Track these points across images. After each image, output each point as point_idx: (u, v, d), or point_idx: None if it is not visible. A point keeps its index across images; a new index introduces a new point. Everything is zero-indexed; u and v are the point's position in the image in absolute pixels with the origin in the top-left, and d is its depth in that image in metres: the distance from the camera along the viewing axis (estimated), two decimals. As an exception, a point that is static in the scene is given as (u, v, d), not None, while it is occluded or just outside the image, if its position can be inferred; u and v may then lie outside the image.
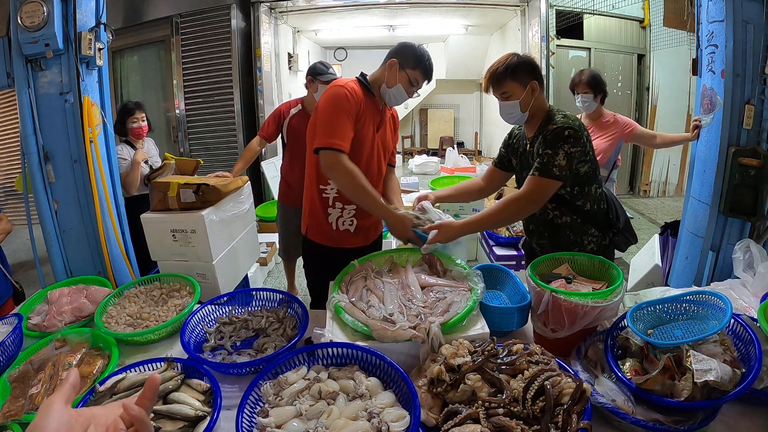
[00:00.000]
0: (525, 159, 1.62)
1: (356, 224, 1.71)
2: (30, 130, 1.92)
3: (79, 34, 1.93)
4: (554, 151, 1.42)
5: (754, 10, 1.75)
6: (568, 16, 5.14)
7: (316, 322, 1.37)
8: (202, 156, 4.86)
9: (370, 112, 1.62)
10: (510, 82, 1.49)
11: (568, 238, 1.60)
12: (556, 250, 1.57)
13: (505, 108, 1.53)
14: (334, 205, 1.67)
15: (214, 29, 4.75)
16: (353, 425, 0.86)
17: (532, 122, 1.56)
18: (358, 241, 1.75)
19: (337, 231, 1.70)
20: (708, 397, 0.90)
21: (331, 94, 1.53)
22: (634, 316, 1.10)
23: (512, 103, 1.50)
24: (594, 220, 1.59)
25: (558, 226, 1.60)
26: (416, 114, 9.83)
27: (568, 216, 1.58)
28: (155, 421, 0.95)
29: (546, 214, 1.61)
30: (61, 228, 2.04)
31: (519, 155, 1.67)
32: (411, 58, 1.59)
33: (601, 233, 1.61)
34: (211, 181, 1.96)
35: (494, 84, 1.52)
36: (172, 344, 1.35)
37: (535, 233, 1.69)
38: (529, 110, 1.53)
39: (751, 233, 1.89)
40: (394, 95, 1.64)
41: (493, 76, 1.51)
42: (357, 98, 1.54)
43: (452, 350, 0.99)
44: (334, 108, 1.50)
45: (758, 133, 1.84)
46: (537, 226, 1.67)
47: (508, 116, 1.55)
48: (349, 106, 1.50)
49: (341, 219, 1.69)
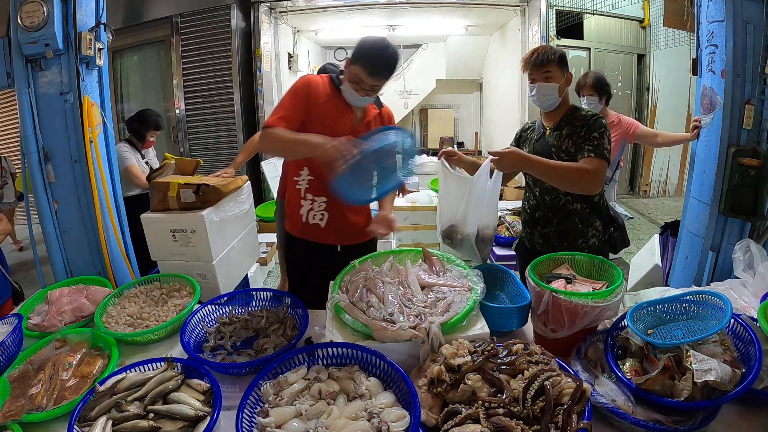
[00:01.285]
0: (541, 145, 1.65)
1: (327, 218, 1.65)
2: (30, 130, 1.92)
3: (79, 34, 1.93)
4: (600, 135, 1.50)
5: (754, 10, 1.75)
6: (568, 16, 5.14)
7: (316, 322, 1.38)
8: (202, 156, 4.86)
9: (338, 108, 1.55)
10: (555, 66, 1.56)
11: (576, 227, 1.64)
12: (561, 239, 1.64)
13: (544, 89, 1.57)
14: (305, 196, 1.64)
15: (214, 29, 4.75)
16: (353, 425, 0.86)
17: (555, 113, 1.64)
18: (330, 238, 1.68)
19: (307, 224, 1.67)
20: (708, 397, 0.90)
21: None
22: (634, 316, 1.10)
23: (552, 86, 1.57)
24: (599, 212, 1.66)
25: (569, 213, 1.64)
26: (416, 114, 9.82)
27: (578, 203, 1.63)
28: (155, 421, 0.95)
29: (558, 199, 1.64)
30: (61, 228, 2.04)
31: (532, 143, 1.70)
32: (355, 53, 1.47)
33: (603, 227, 1.67)
34: (211, 181, 1.96)
35: (540, 64, 1.56)
36: (172, 344, 1.35)
37: (541, 221, 1.70)
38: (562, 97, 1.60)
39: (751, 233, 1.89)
40: (345, 93, 1.54)
41: (541, 56, 1.56)
42: (315, 88, 1.52)
43: (452, 350, 0.99)
44: (291, 90, 1.53)
45: (758, 133, 1.84)
46: (546, 213, 1.68)
47: (546, 97, 1.59)
48: (300, 92, 1.50)
49: (312, 212, 1.66)
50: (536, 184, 1.70)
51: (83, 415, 0.98)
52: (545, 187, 1.65)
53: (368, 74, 1.44)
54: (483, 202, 1.48)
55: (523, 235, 1.85)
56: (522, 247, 1.87)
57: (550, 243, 1.68)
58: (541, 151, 1.62)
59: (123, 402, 1.00)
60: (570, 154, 1.56)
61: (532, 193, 1.73)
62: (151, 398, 1.01)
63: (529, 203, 1.76)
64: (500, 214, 3.81)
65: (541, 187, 1.68)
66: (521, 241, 1.87)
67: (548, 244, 1.68)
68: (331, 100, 1.55)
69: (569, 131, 1.57)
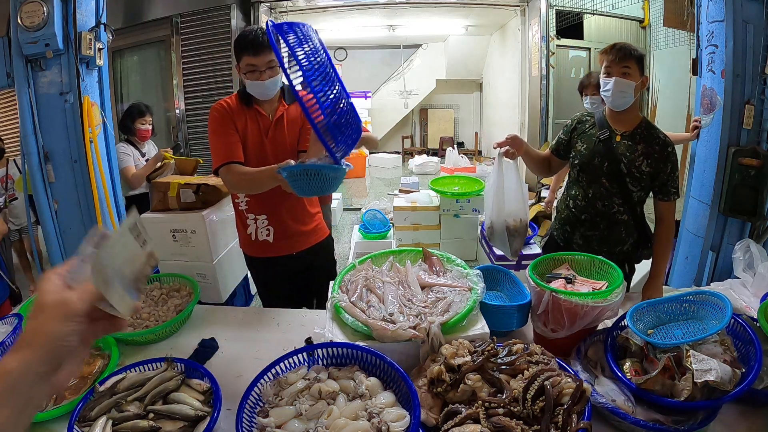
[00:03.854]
0: (607, 148, 1.59)
1: (273, 233, 1.70)
2: (30, 130, 1.92)
3: (79, 34, 1.93)
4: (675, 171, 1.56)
5: (754, 10, 1.75)
6: (568, 16, 5.14)
7: (316, 322, 1.38)
8: (202, 156, 4.86)
9: (250, 119, 1.60)
10: (634, 63, 1.52)
11: (619, 235, 1.65)
12: (602, 244, 1.66)
13: (621, 85, 1.52)
14: (248, 216, 1.69)
15: (214, 29, 4.75)
16: (353, 425, 0.86)
17: (624, 116, 1.60)
18: (282, 249, 1.73)
19: (257, 241, 1.71)
20: (708, 397, 0.90)
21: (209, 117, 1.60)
22: (634, 316, 1.10)
23: (630, 83, 1.52)
24: (641, 226, 1.66)
25: (616, 222, 1.64)
26: (416, 114, 9.82)
27: (627, 215, 1.63)
28: (155, 421, 0.95)
29: (611, 206, 1.63)
30: (61, 228, 2.04)
31: (594, 140, 1.63)
32: (235, 51, 1.53)
33: (637, 242, 1.68)
34: (212, 181, 1.96)
35: (621, 58, 1.52)
36: (172, 344, 1.35)
37: (586, 223, 1.68)
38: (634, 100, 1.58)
39: (751, 233, 1.90)
40: (253, 90, 1.56)
41: (624, 50, 1.52)
42: (227, 110, 1.57)
43: (452, 350, 0.99)
44: (210, 130, 1.58)
45: (758, 133, 1.85)
46: (593, 217, 1.66)
47: (621, 94, 1.54)
48: (218, 122, 1.56)
49: (258, 230, 1.70)
50: (590, 187, 1.65)
51: (83, 415, 0.97)
52: (601, 192, 1.62)
53: (253, 54, 1.47)
54: (505, 195, 1.60)
55: (556, 233, 1.81)
56: (552, 244, 1.82)
57: (590, 246, 1.67)
58: (606, 154, 1.58)
59: (123, 402, 1.00)
60: (643, 174, 1.55)
61: (583, 195, 1.67)
62: (151, 398, 1.01)
63: (576, 203, 1.70)
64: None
65: (595, 191, 1.64)
66: (552, 238, 1.83)
67: (588, 246, 1.66)
68: (241, 113, 1.59)
69: (646, 150, 1.54)
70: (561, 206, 1.79)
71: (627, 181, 1.56)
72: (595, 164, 1.61)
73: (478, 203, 3.63)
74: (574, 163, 1.69)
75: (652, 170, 1.55)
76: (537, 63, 5.20)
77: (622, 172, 1.56)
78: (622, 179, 1.57)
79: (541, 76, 5.10)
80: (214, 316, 1.51)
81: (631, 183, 1.56)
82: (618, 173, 1.57)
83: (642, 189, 1.59)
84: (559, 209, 1.80)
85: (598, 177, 1.61)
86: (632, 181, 1.56)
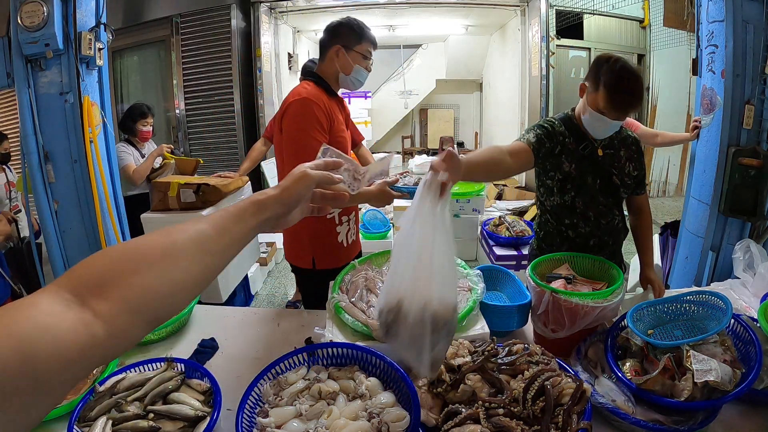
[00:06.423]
0: (592, 163, 1.46)
1: (354, 231, 1.68)
2: (30, 130, 1.92)
3: (79, 34, 1.93)
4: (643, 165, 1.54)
5: (754, 10, 1.75)
6: (568, 16, 5.14)
7: (316, 321, 1.38)
8: (202, 156, 4.86)
9: (338, 111, 1.55)
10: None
11: (622, 240, 1.63)
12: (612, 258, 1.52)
13: (615, 126, 1.41)
14: (340, 221, 1.58)
15: (214, 29, 4.75)
16: (353, 425, 0.86)
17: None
18: (356, 249, 1.73)
19: (342, 246, 1.62)
20: (708, 397, 0.90)
21: (301, 111, 1.43)
22: (634, 316, 1.10)
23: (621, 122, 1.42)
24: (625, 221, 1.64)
25: (620, 231, 1.58)
26: (416, 114, 9.82)
27: (622, 220, 1.60)
28: (155, 421, 0.95)
29: (613, 219, 1.54)
30: (61, 228, 2.04)
31: (580, 158, 1.46)
32: (353, 36, 1.51)
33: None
34: (212, 181, 1.96)
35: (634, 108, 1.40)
36: (172, 344, 1.35)
37: (595, 247, 1.54)
38: None
39: (751, 233, 1.90)
40: (356, 79, 1.55)
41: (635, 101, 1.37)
42: (325, 107, 1.45)
43: (452, 350, 0.99)
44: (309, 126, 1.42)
45: (758, 133, 1.85)
46: (602, 237, 1.54)
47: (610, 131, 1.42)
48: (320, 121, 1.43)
49: (350, 230, 1.63)
50: (588, 209, 1.49)
51: (83, 415, 0.97)
52: (600, 210, 1.50)
53: (375, 45, 1.55)
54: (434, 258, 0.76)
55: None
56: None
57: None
58: (596, 172, 1.47)
59: (123, 402, 1.00)
60: (631, 179, 1.51)
61: (584, 220, 1.50)
62: (151, 398, 1.01)
63: (578, 232, 1.52)
64: (500, 214, 3.82)
65: (595, 211, 1.49)
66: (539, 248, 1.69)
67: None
68: (333, 106, 1.53)
69: (627, 154, 1.50)
70: (554, 241, 1.56)
71: (620, 191, 1.51)
72: (588, 184, 1.48)
73: (478, 203, 3.63)
74: (567, 187, 1.48)
75: (638, 172, 1.52)
76: (537, 63, 5.20)
77: (615, 184, 1.49)
78: (615, 190, 1.50)
79: (541, 76, 5.10)
80: (214, 316, 1.51)
81: (623, 191, 1.52)
82: (611, 186, 1.49)
83: (629, 190, 1.54)
84: (559, 240, 1.55)
85: (594, 197, 1.48)
86: (624, 189, 1.51)
